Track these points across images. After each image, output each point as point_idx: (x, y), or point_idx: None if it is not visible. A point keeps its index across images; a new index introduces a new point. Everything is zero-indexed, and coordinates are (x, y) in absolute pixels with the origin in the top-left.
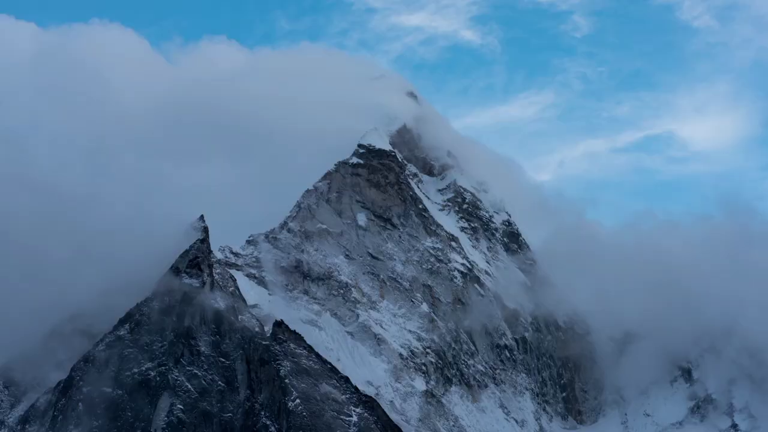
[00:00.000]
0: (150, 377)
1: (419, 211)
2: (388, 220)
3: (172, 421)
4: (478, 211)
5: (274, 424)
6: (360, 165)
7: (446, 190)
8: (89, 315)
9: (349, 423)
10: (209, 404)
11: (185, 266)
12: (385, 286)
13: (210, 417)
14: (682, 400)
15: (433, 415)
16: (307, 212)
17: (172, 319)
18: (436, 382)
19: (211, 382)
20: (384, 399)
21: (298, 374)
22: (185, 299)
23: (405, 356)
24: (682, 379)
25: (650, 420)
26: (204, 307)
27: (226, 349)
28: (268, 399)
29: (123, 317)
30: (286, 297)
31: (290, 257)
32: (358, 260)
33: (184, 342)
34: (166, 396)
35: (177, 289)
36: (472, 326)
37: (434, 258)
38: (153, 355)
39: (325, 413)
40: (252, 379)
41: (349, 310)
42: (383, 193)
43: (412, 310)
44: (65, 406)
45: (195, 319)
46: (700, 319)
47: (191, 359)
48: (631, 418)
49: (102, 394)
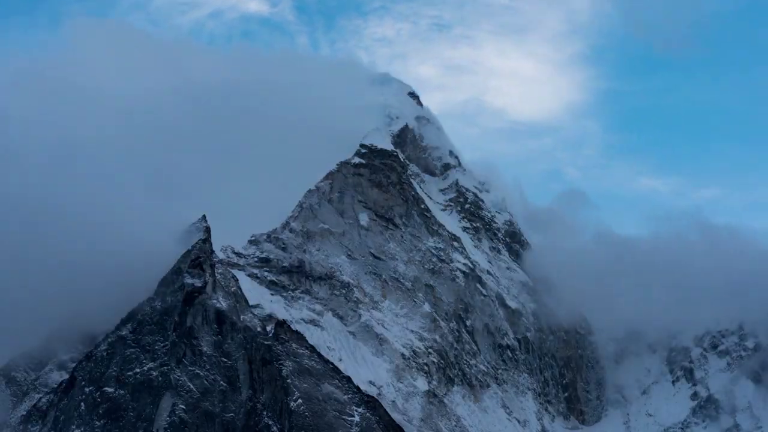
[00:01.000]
0: (152, 377)
1: (421, 211)
2: (390, 220)
3: (174, 421)
4: (480, 211)
5: (276, 424)
6: (362, 165)
7: (448, 190)
8: (91, 315)
9: (351, 423)
10: (211, 404)
11: (187, 266)
12: (387, 286)
13: (212, 417)
14: (684, 400)
15: (435, 415)
16: (309, 212)
17: (174, 319)
18: (438, 382)
19: (213, 382)
20: (386, 399)
21: (300, 374)
22: (187, 299)
23: (407, 356)
24: (684, 378)
25: (652, 420)
26: (206, 307)
27: (228, 349)
28: (270, 399)
29: (125, 317)
30: (288, 297)
31: (292, 257)
32: (360, 260)
33: (186, 342)
34: (168, 396)
35: (179, 289)
36: (474, 326)
37: (436, 258)
38: (155, 355)
39: (327, 413)
40: (254, 379)
41: (351, 310)
42: (385, 193)
43: (414, 310)
44: (67, 406)
45: (197, 319)
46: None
47: (193, 359)
48: (633, 418)
49: (104, 394)
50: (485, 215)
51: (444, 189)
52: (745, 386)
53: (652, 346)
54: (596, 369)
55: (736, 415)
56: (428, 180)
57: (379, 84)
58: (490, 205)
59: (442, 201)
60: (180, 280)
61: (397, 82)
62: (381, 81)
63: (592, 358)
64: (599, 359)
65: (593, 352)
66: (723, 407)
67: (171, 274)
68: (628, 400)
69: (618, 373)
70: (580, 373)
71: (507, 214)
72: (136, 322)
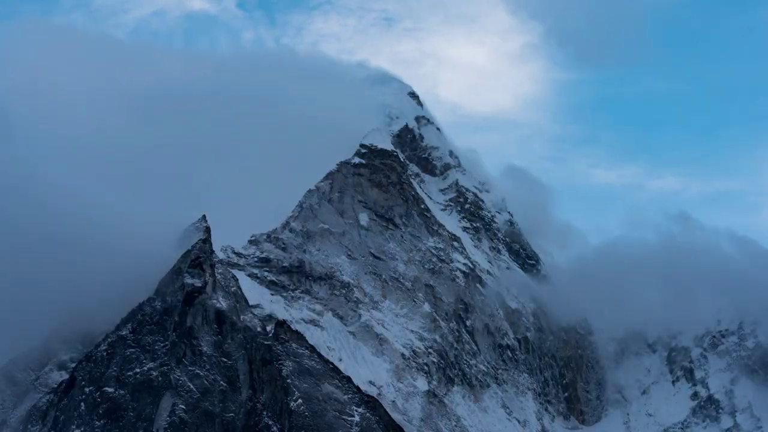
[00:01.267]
0: (152, 377)
1: (421, 211)
2: (390, 220)
3: (174, 421)
4: (480, 211)
5: (276, 424)
6: (362, 165)
7: (448, 190)
8: (91, 315)
9: (351, 423)
10: (211, 404)
11: (187, 266)
12: (387, 286)
13: (212, 417)
14: (684, 400)
15: (435, 415)
16: (309, 212)
17: (174, 319)
18: (438, 382)
19: (213, 382)
20: (386, 399)
21: (300, 374)
22: (187, 299)
23: (407, 356)
24: (684, 378)
25: (652, 420)
26: (206, 307)
27: (228, 349)
28: (270, 399)
29: (125, 317)
30: (288, 297)
31: (292, 257)
32: (360, 260)
33: (186, 342)
34: (168, 396)
35: (179, 289)
36: (474, 326)
37: (436, 258)
38: (155, 355)
39: (327, 413)
40: (254, 379)
41: (351, 310)
42: (385, 193)
43: (414, 310)
44: (67, 406)
45: (197, 319)
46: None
47: (193, 359)
48: (633, 418)
49: (104, 394)
50: (485, 215)
51: (444, 189)
52: (745, 386)
53: (652, 346)
54: (596, 369)
55: (736, 415)
56: (428, 180)
57: (379, 84)
58: (490, 205)
59: (442, 201)
60: (180, 280)
61: (397, 82)
62: (381, 81)
63: (592, 358)
64: (599, 359)
65: (593, 352)
66: (723, 407)
67: (171, 274)
68: (628, 400)
69: (618, 373)
70: (580, 373)
71: (507, 213)
72: (136, 322)
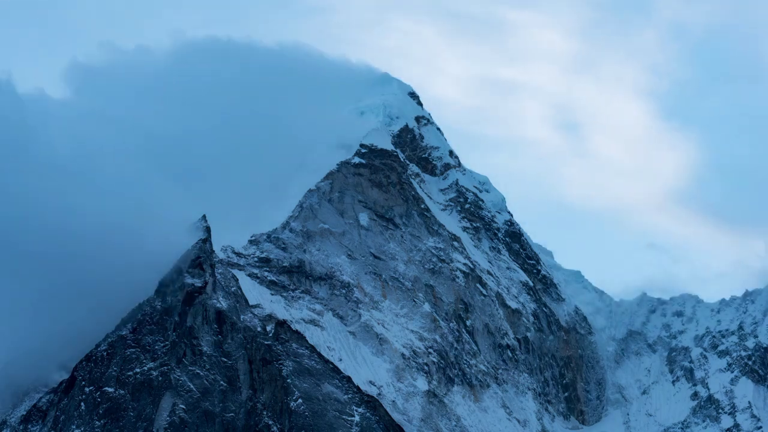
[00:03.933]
0: (152, 377)
1: (421, 210)
2: (390, 219)
3: (174, 421)
4: (480, 210)
5: (277, 423)
6: (362, 165)
7: (448, 189)
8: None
9: (351, 423)
10: (211, 404)
11: (187, 266)
12: (387, 285)
13: (212, 417)
14: (684, 400)
15: (435, 415)
16: (309, 212)
17: (174, 319)
18: (438, 382)
19: (214, 381)
20: (386, 399)
21: (300, 374)
22: (187, 299)
23: (407, 356)
24: (684, 378)
25: (652, 420)
26: (206, 307)
27: (229, 349)
28: (270, 399)
29: (125, 317)
30: (288, 297)
31: (292, 257)
32: (360, 260)
33: (187, 342)
34: (169, 396)
35: (179, 288)
36: (474, 326)
37: (436, 258)
38: (155, 354)
39: (327, 413)
40: (254, 378)
41: (351, 310)
42: (385, 193)
43: (414, 310)
44: (67, 406)
45: (197, 319)
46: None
47: (193, 359)
48: (633, 418)
49: (104, 394)
50: (485, 215)
51: (444, 189)
52: (745, 386)
53: (652, 346)
54: (596, 369)
55: (736, 415)
56: (428, 180)
57: (379, 84)
58: (490, 205)
59: (442, 201)
60: (180, 280)
61: (397, 82)
62: (381, 81)
63: (592, 358)
64: (599, 359)
65: (593, 352)
66: (723, 407)
67: (171, 274)
68: (628, 400)
69: (618, 373)
70: (580, 373)
71: (507, 213)
72: (136, 322)
